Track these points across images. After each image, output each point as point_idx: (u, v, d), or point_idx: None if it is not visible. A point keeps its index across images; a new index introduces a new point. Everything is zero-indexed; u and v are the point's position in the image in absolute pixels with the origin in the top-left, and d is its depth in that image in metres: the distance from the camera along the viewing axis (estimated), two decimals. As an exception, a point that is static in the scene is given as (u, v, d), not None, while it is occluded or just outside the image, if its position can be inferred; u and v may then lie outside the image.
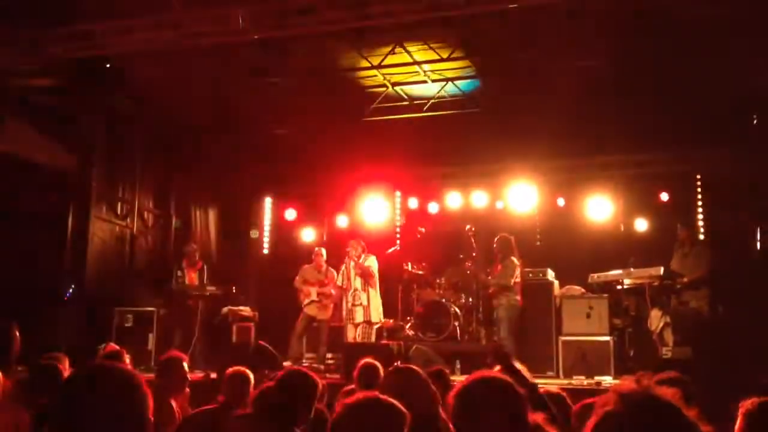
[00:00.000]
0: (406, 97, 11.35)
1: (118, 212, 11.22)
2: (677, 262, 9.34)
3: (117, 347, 7.16)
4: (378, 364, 5.12)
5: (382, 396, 2.71)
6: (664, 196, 11.34)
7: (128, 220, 11.39)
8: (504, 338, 9.23)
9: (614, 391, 1.60)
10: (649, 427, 1.53)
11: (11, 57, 8.79)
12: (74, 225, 10.21)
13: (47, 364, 5.09)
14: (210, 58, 9.35)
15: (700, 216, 11.30)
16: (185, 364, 5.44)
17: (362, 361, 5.19)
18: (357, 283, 10.18)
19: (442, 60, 10.07)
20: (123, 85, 10.28)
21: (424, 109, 11.22)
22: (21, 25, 8.72)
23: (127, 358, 6.22)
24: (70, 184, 10.28)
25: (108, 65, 9.34)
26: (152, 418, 1.99)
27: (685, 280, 9.16)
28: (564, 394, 4.41)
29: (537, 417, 2.70)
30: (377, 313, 10.22)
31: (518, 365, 3.94)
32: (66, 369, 5.30)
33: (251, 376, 5.18)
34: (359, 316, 10.05)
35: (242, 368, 5.23)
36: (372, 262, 10.32)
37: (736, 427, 3.00)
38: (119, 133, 10.99)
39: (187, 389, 5.50)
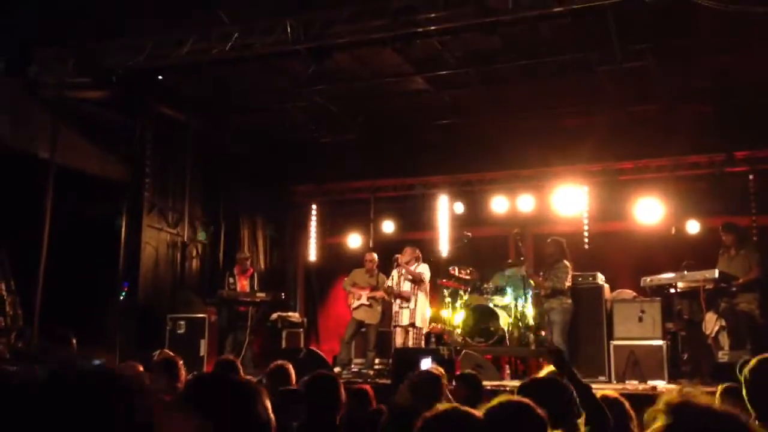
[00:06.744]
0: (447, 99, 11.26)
1: (169, 221, 11.43)
2: (724, 266, 9.12)
3: (171, 353, 7.29)
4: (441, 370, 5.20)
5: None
6: (716, 198, 11.13)
7: (179, 228, 11.59)
8: (557, 342, 9.13)
9: (664, 404, 1.57)
10: None
11: (65, 70, 9.04)
12: (127, 234, 10.42)
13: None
14: (258, 68, 9.48)
15: (753, 217, 11.05)
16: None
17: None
18: (406, 287, 10.17)
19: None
20: (174, 96, 10.49)
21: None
22: (74, 39, 8.97)
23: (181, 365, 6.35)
24: (123, 194, 10.49)
25: (159, 77, 9.54)
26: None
27: (740, 281, 8.96)
28: (622, 399, 4.35)
29: None
30: (423, 318, 10.17)
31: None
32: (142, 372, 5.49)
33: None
34: (405, 319, 10.03)
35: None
36: (424, 270, 10.28)
37: None
38: (169, 143, 11.19)
39: None
